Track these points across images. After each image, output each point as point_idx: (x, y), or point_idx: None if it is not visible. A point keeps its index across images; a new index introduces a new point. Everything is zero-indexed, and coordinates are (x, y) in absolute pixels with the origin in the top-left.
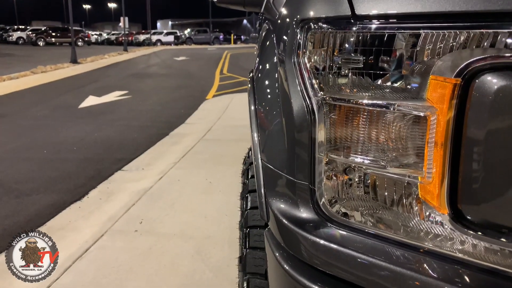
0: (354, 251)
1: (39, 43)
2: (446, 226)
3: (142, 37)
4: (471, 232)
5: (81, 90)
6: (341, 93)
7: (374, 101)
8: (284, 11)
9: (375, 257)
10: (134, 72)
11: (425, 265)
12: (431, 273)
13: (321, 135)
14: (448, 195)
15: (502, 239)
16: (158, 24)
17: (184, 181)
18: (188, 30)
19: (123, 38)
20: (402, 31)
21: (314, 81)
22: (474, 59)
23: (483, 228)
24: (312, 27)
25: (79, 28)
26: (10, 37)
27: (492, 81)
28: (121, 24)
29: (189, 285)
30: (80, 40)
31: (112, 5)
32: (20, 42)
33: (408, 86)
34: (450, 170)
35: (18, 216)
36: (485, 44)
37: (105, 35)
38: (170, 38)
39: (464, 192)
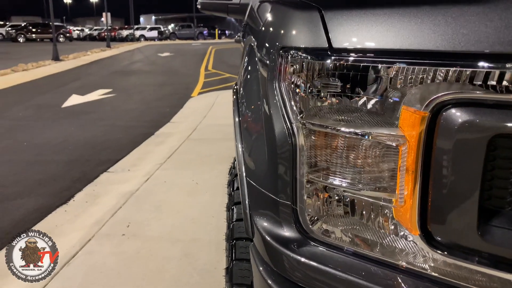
0: (335, 270)
1: (19, 39)
2: (417, 246)
3: (125, 33)
4: (439, 252)
5: (64, 89)
6: (319, 119)
7: (350, 129)
8: (265, 34)
9: (355, 275)
10: (118, 69)
11: (400, 282)
12: None
13: (301, 157)
14: (418, 217)
15: (465, 259)
16: (141, 19)
17: (171, 182)
18: (172, 25)
19: (106, 34)
20: (375, 64)
21: (294, 106)
22: (440, 94)
23: (449, 249)
24: (292, 54)
25: (60, 24)
26: None
27: (457, 115)
28: (103, 19)
29: None
30: (62, 36)
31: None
32: None
33: (382, 114)
34: (420, 195)
35: (3, 221)
36: (450, 80)
37: (87, 31)
38: (154, 33)
39: (432, 215)
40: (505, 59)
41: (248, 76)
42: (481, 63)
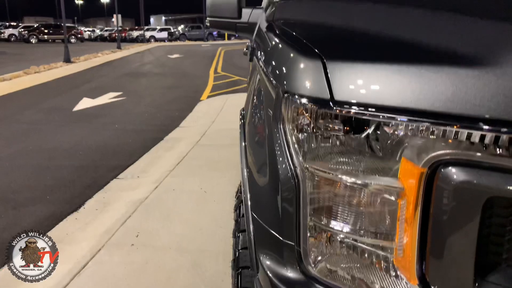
0: None
1: (31, 40)
2: None
3: (135, 34)
4: None
5: (75, 92)
6: (321, 164)
7: (351, 179)
8: (272, 75)
9: None
10: (128, 71)
11: None
12: None
13: (304, 199)
14: (417, 268)
15: None
16: (152, 19)
17: (179, 190)
18: (182, 26)
19: (116, 35)
20: (375, 118)
21: (298, 149)
22: (438, 153)
23: None
24: (295, 100)
25: (71, 25)
26: (2, 34)
27: (454, 173)
28: (114, 20)
29: None
30: (73, 37)
31: (104, 0)
32: (12, 39)
33: (383, 166)
34: (418, 247)
35: (15, 230)
36: (447, 140)
37: (98, 31)
38: (164, 34)
39: (430, 268)
40: (500, 124)
41: (255, 103)
42: (477, 126)
